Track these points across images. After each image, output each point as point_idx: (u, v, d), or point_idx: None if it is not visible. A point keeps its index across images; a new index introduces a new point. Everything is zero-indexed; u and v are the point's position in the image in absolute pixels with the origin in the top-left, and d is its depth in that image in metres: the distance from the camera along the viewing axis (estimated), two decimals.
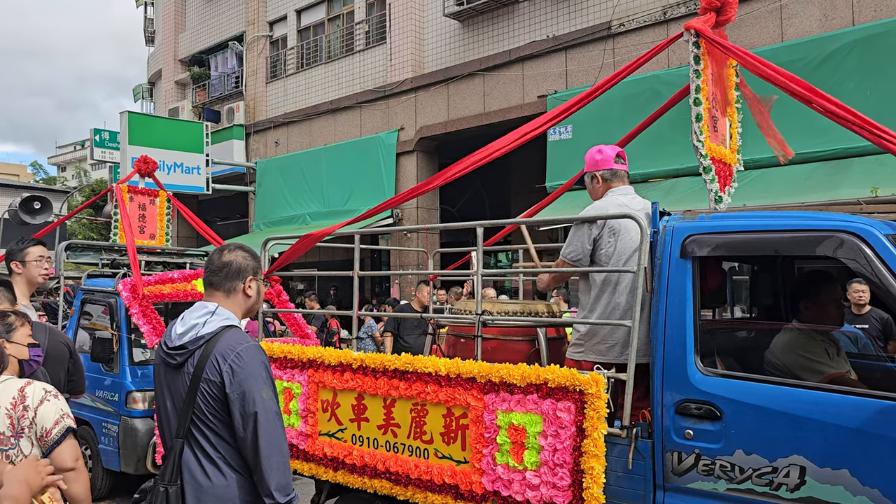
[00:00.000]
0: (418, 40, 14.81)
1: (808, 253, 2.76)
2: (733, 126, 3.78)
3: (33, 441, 2.62)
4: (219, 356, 2.45)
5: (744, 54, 3.38)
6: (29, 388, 2.65)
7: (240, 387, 2.42)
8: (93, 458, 6.43)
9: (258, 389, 2.45)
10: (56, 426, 2.62)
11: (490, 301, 3.90)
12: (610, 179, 3.68)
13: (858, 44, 8.92)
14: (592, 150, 3.76)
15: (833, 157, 9.04)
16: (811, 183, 8.70)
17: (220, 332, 2.51)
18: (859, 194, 7.71)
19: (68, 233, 22.72)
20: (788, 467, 2.61)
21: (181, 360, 2.50)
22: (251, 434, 2.41)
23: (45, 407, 2.63)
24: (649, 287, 3.05)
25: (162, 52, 22.85)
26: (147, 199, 8.80)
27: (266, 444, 2.42)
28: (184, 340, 2.51)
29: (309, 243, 4.24)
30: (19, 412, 2.59)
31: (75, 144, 59.46)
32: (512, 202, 15.89)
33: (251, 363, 2.47)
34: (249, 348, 2.50)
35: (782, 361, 3.06)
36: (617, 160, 3.70)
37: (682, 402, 2.88)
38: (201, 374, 2.45)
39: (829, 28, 9.49)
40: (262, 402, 2.44)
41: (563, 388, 2.96)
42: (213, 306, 2.57)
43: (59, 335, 4.02)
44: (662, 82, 10.28)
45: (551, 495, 2.96)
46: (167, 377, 2.55)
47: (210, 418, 2.45)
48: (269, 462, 2.43)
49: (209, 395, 2.44)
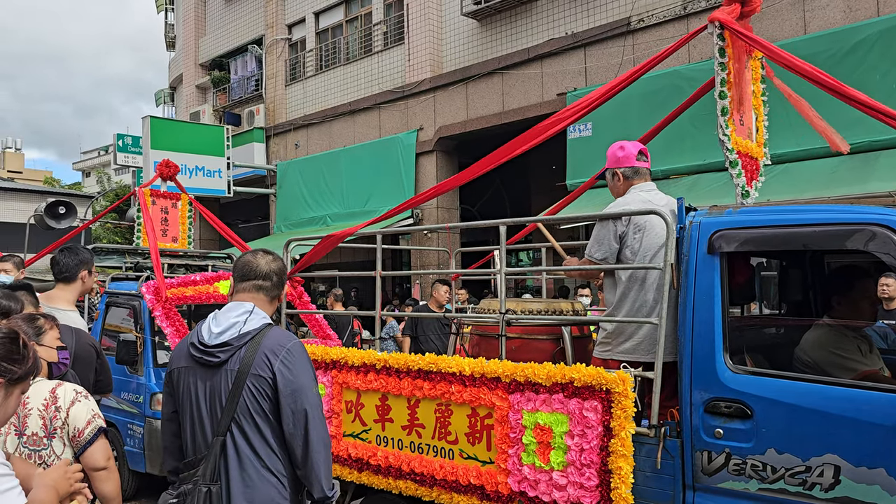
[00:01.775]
0: (436, 40, 14.80)
1: (839, 247, 2.70)
2: (759, 119, 3.71)
3: (65, 441, 2.65)
4: (268, 352, 2.47)
5: (769, 46, 3.32)
6: (60, 389, 2.68)
7: (292, 383, 2.46)
8: (119, 460, 6.48)
9: (309, 386, 2.50)
10: (88, 426, 2.65)
11: (514, 300, 3.86)
12: (631, 177, 3.64)
13: (883, 34, 8.76)
14: (614, 146, 3.71)
15: (859, 151, 8.89)
16: (837, 177, 8.56)
17: (264, 329, 2.53)
18: (887, 187, 7.58)
19: (93, 237, 22.98)
20: (822, 466, 2.56)
21: (224, 357, 2.48)
22: (302, 429, 2.45)
23: (76, 408, 2.65)
24: (676, 284, 3.00)
25: (182, 57, 23.04)
26: (169, 202, 8.85)
27: (316, 439, 2.47)
28: (225, 338, 2.50)
29: (331, 244, 4.24)
30: (51, 413, 2.62)
31: (99, 150, 60.22)
32: (532, 201, 15.82)
33: (301, 360, 2.52)
34: (298, 345, 2.55)
35: (813, 358, 3.00)
36: (639, 157, 3.65)
37: (712, 401, 2.83)
38: (248, 370, 2.45)
39: (853, 19, 9.33)
40: (313, 397, 2.50)
41: (589, 387, 2.92)
42: (249, 306, 2.58)
43: (87, 337, 4.06)
44: (683, 77, 10.18)
45: (578, 496, 2.93)
46: (201, 377, 2.52)
47: (253, 416, 2.45)
48: (317, 457, 2.48)
49: (257, 392, 2.45)
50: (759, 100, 3.71)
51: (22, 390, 1.99)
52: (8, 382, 1.86)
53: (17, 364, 1.88)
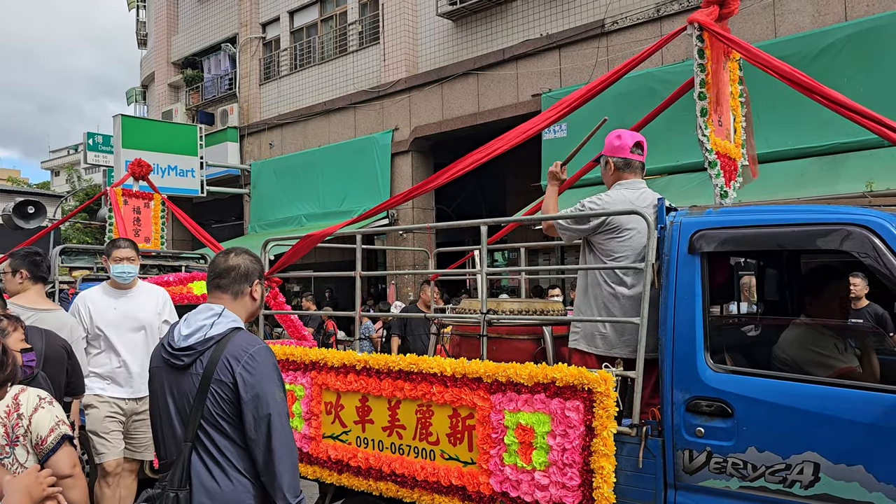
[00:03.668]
0: (412, 40, 14.78)
1: (819, 247, 2.71)
2: (737, 120, 3.75)
3: (29, 449, 2.59)
4: (231, 358, 2.44)
5: (747, 47, 3.36)
6: (23, 395, 2.62)
7: (253, 388, 2.41)
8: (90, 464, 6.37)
9: (272, 391, 2.45)
10: (52, 434, 2.59)
11: (494, 300, 3.86)
12: (622, 169, 3.60)
13: (851, 39, 8.95)
14: (612, 133, 3.67)
15: (828, 153, 9.05)
16: (807, 178, 8.71)
17: (229, 333, 2.50)
18: (855, 189, 7.71)
19: (62, 237, 22.60)
20: (802, 464, 2.58)
21: (188, 361, 2.47)
22: (264, 435, 2.41)
23: (39, 415, 2.60)
24: (657, 283, 3.02)
25: (154, 55, 22.75)
26: (142, 202, 8.74)
27: (279, 445, 2.42)
28: (190, 342, 2.49)
29: (310, 244, 4.20)
30: (13, 420, 2.56)
31: (68, 148, 59.27)
32: (507, 201, 15.87)
33: (264, 365, 2.47)
34: (262, 350, 2.50)
35: (791, 357, 3.03)
36: (634, 149, 3.60)
37: (693, 400, 2.84)
38: (212, 375, 2.42)
39: (821, 23, 9.51)
40: (275, 403, 2.44)
41: (571, 386, 2.92)
42: (219, 308, 2.56)
43: (57, 338, 4.00)
44: (656, 79, 10.28)
45: (561, 495, 2.93)
46: (171, 379, 2.51)
47: (219, 420, 2.43)
48: (281, 464, 2.42)
49: (220, 397, 2.42)
50: (736, 101, 3.74)
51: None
52: None
53: None
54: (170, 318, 4.93)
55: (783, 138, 9.12)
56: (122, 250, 4.81)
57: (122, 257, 4.81)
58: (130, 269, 4.85)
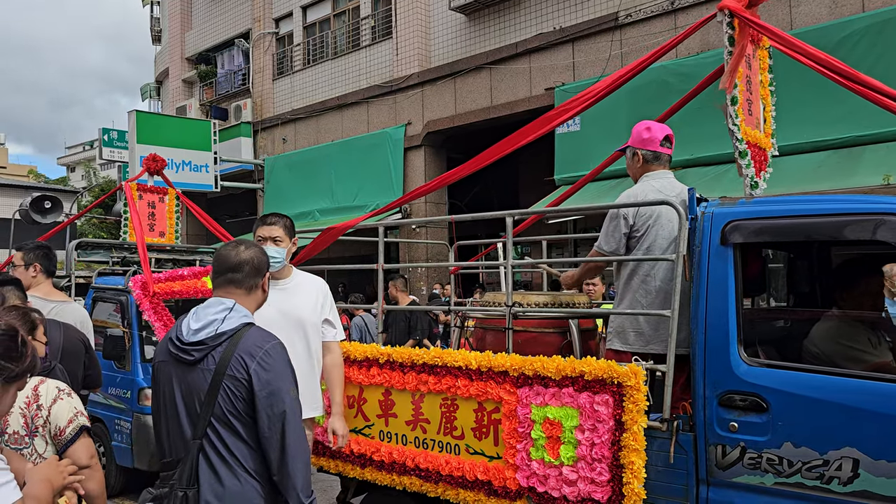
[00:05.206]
0: (424, 34, 14.73)
1: (858, 237, 2.64)
2: (767, 110, 3.66)
3: (48, 440, 2.60)
4: (245, 354, 2.38)
5: (780, 34, 3.28)
6: (42, 386, 2.63)
7: (269, 385, 2.36)
8: (106, 456, 6.40)
9: (287, 389, 2.40)
10: (70, 425, 2.60)
11: (519, 293, 3.80)
12: (650, 161, 3.54)
13: (869, 30, 8.85)
14: (641, 124, 3.61)
15: (845, 146, 8.97)
16: (823, 171, 8.63)
17: (241, 329, 2.45)
18: (872, 182, 7.63)
19: (77, 233, 22.73)
20: (840, 460, 2.52)
21: (198, 356, 2.41)
22: (278, 433, 2.36)
23: (58, 406, 2.60)
24: (688, 275, 2.96)
25: (169, 51, 22.82)
26: (156, 196, 8.74)
27: (293, 443, 2.37)
28: (201, 336, 2.43)
29: (332, 237, 4.16)
30: (33, 411, 2.57)
31: (84, 144, 59.66)
32: (521, 195, 15.81)
33: (279, 362, 2.43)
34: (276, 346, 2.45)
35: (822, 350, 2.96)
36: (664, 143, 3.54)
37: (726, 394, 2.78)
38: (225, 371, 2.36)
39: (838, 15, 9.41)
40: (290, 401, 2.40)
41: (600, 380, 2.87)
42: (230, 303, 2.51)
43: (75, 331, 4.01)
44: (671, 72, 10.21)
45: (589, 491, 2.88)
46: (178, 373, 2.45)
47: (230, 418, 2.37)
48: (294, 462, 2.38)
49: (232, 394, 2.36)
50: (766, 90, 3.67)
51: (18, 388, 1.93)
52: (4, 381, 1.80)
53: (15, 362, 1.83)
54: (332, 317, 3.70)
55: (799, 131, 9.03)
56: (264, 227, 3.57)
57: (263, 236, 3.56)
58: (275, 253, 3.48)
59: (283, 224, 3.56)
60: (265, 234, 3.52)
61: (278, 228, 3.54)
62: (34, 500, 1.97)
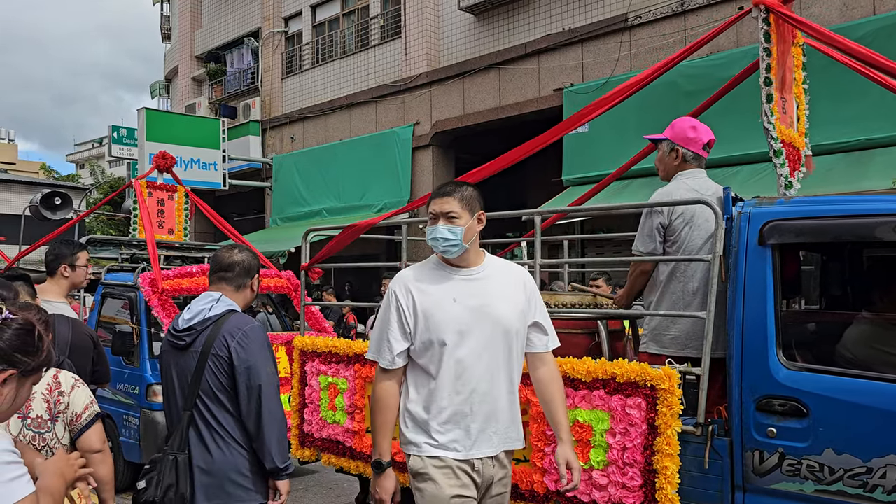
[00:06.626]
0: (433, 34, 14.77)
1: None
2: (801, 108, 3.55)
3: (65, 425, 2.74)
4: (227, 334, 2.74)
5: (819, 29, 3.19)
6: (61, 375, 2.78)
7: (246, 361, 2.71)
8: (114, 451, 6.46)
9: (263, 365, 2.74)
10: (86, 411, 2.77)
11: (547, 293, 3.67)
12: (689, 161, 3.41)
13: (880, 33, 8.79)
14: (686, 121, 3.49)
15: (855, 149, 8.93)
16: (833, 174, 8.59)
17: (225, 314, 2.82)
18: (882, 186, 7.61)
19: (86, 229, 22.89)
20: (885, 467, 2.41)
21: (189, 340, 2.79)
22: (255, 404, 2.69)
23: (76, 392, 2.77)
24: (724, 276, 2.86)
25: (178, 49, 22.94)
26: (165, 194, 8.83)
27: (268, 413, 2.70)
28: (191, 323, 2.81)
29: (352, 234, 4.14)
30: (55, 397, 2.71)
31: (93, 142, 60.02)
32: (528, 195, 15.82)
33: (256, 341, 2.77)
34: (254, 328, 2.81)
35: (856, 355, 2.85)
36: (706, 147, 3.43)
37: (764, 399, 2.69)
38: (210, 350, 2.73)
39: (849, 17, 9.37)
40: (266, 375, 2.72)
41: (632, 383, 2.79)
42: (217, 295, 2.89)
43: (83, 327, 4.07)
44: (680, 74, 10.16)
45: (620, 496, 2.80)
46: (174, 358, 2.84)
47: (215, 391, 2.73)
48: (269, 430, 2.70)
49: (217, 370, 2.72)
50: (800, 88, 3.56)
51: (34, 382, 1.99)
52: (21, 374, 1.86)
53: (32, 356, 1.88)
54: (542, 319, 2.78)
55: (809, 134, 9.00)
56: (437, 200, 2.70)
57: (435, 212, 2.68)
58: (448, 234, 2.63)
59: (459, 196, 2.67)
60: (436, 209, 2.67)
61: (453, 201, 2.65)
62: (48, 493, 2.01)
